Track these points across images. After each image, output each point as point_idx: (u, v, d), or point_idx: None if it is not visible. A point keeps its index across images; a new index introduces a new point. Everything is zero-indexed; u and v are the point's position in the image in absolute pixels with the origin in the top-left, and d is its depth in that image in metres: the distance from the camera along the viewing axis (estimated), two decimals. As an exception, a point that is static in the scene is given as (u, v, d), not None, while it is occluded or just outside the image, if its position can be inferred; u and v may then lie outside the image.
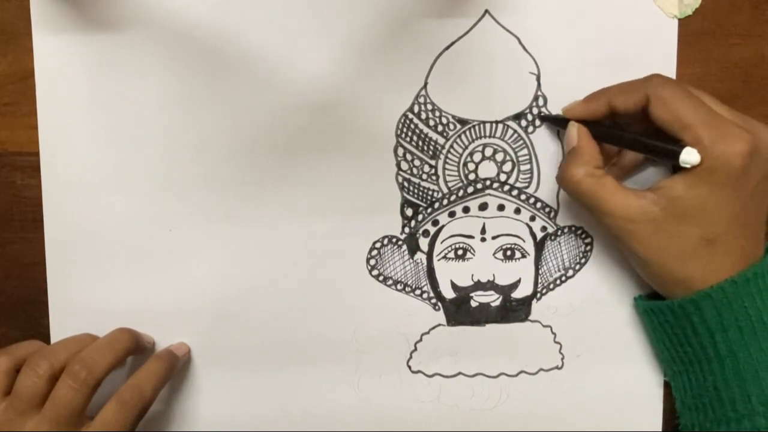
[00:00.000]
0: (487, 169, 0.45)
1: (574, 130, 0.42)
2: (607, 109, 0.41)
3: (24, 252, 0.45)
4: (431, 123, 0.44)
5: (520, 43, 0.44)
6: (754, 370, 0.39)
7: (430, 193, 0.45)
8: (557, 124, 0.44)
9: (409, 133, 0.44)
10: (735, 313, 0.39)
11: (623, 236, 0.40)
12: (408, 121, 0.44)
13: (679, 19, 0.44)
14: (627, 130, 0.41)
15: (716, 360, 0.40)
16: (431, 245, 0.46)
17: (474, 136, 0.44)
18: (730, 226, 0.39)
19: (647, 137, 0.40)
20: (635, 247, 0.40)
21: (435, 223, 0.45)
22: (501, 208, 0.45)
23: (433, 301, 0.46)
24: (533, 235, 0.46)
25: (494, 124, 0.44)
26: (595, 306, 0.46)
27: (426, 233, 0.46)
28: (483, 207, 0.45)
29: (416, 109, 0.44)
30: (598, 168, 0.41)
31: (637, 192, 0.40)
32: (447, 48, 0.43)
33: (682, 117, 0.38)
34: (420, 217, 0.45)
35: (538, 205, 0.45)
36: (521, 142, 0.45)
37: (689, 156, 0.38)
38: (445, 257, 0.46)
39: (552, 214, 0.46)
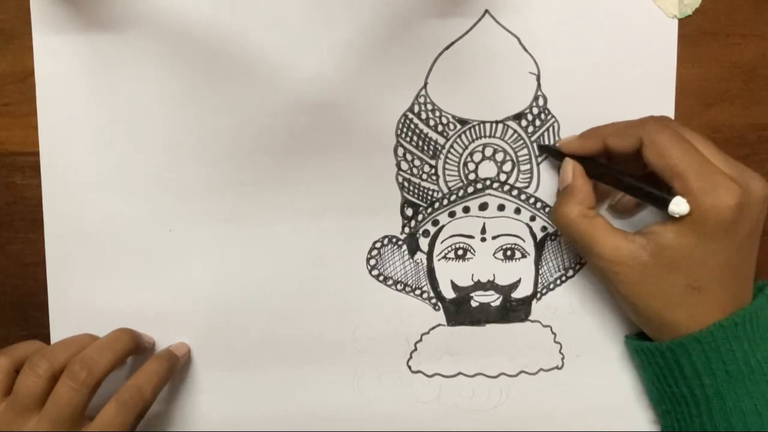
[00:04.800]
0: (487, 169, 0.45)
1: (569, 167, 0.42)
2: (602, 147, 0.41)
3: (24, 252, 0.45)
4: (431, 123, 0.44)
5: (520, 43, 0.44)
6: (741, 413, 0.39)
7: (430, 193, 0.45)
8: (553, 155, 0.44)
9: (409, 133, 0.44)
10: (723, 357, 0.39)
11: (611, 278, 0.40)
12: (408, 121, 0.44)
13: (679, 19, 0.44)
14: (621, 171, 0.41)
15: (704, 402, 0.40)
16: (431, 245, 0.46)
17: (474, 136, 0.44)
18: (718, 276, 0.39)
19: (639, 182, 0.40)
20: (622, 290, 0.40)
21: (435, 223, 0.45)
22: (501, 208, 0.45)
23: (433, 301, 0.46)
24: (533, 235, 0.46)
25: (494, 124, 0.44)
26: (595, 306, 0.46)
27: (426, 233, 0.46)
28: (483, 207, 0.45)
29: (416, 109, 0.44)
30: (590, 209, 0.41)
31: (627, 235, 0.40)
32: (447, 48, 0.43)
33: (674, 166, 0.38)
34: (420, 217, 0.45)
35: (538, 205, 0.45)
36: (521, 142, 0.45)
37: (677, 207, 0.38)
38: (445, 257, 0.46)
39: (552, 214, 0.46)
